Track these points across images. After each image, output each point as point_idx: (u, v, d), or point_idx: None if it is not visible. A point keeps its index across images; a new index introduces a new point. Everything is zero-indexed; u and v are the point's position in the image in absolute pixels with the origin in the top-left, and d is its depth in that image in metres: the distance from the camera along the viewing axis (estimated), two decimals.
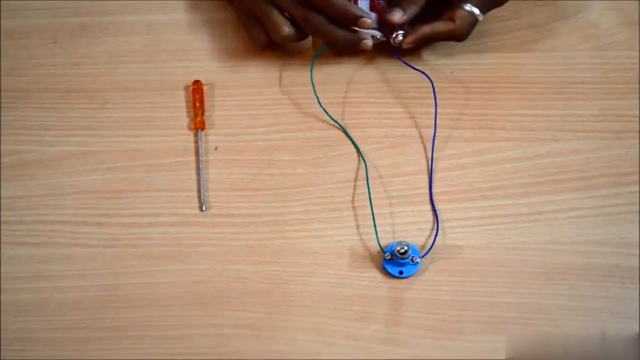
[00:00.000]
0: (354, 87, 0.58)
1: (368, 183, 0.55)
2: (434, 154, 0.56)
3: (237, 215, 0.55)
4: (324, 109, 0.57)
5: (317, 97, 0.57)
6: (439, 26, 0.55)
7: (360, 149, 0.54)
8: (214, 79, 0.59)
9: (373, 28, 0.56)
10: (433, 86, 0.57)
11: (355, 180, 0.56)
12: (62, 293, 0.54)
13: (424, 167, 0.56)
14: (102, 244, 0.55)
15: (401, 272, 0.53)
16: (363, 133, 0.57)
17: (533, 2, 0.62)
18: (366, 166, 0.55)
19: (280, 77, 0.60)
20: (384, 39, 0.57)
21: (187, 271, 0.54)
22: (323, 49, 0.58)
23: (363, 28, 0.54)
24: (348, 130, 0.57)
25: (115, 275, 0.54)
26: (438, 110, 0.57)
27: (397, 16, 0.54)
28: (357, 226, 0.54)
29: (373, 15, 0.55)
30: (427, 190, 0.55)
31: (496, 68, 0.59)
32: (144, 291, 0.53)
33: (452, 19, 0.55)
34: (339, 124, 0.57)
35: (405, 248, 0.52)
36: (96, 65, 0.59)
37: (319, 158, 0.57)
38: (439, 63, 0.59)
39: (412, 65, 0.58)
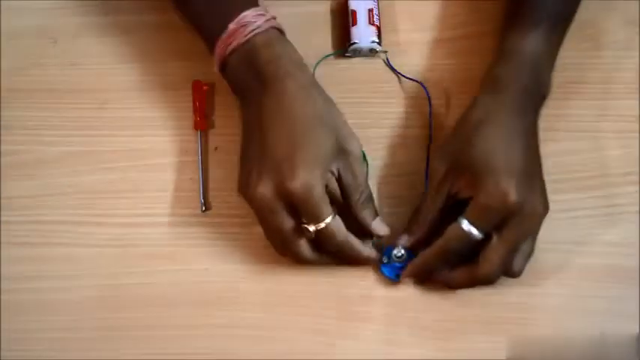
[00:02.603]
0: (355, 87, 0.58)
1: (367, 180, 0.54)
2: (429, 158, 0.56)
3: (238, 215, 0.55)
4: None
5: None
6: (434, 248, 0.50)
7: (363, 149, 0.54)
8: (214, 79, 0.59)
9: (374, 41, 0.57)
10: (428, 95, 0.57)
11: None
12: (62, 293, 0.54)
13: (425, 168, 0.56)
14: (102, 244, 0.55)
15: (398, 276, 0.53)
16: (365, 133, 0.57)
17: None
18: (367, 165, 0.55)
19: None
20: (385, 51, 0.58)
21: (187, 271, 0.54)
22: (326, 56, 0.58)
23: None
24: None
25: (115, 275, 0.54)
26: (440, 111, 0.57)
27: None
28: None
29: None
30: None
31: None
32: (144, 291, 0.54)
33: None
34: None
35: (402, 252, 0.52)
36: (96, 65, 0.59)
37: None
38: (440, 63, 0.59)
39: (408, 76, 0.58)
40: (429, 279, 0.52)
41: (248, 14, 0.50)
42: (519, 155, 0.48)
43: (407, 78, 0.58)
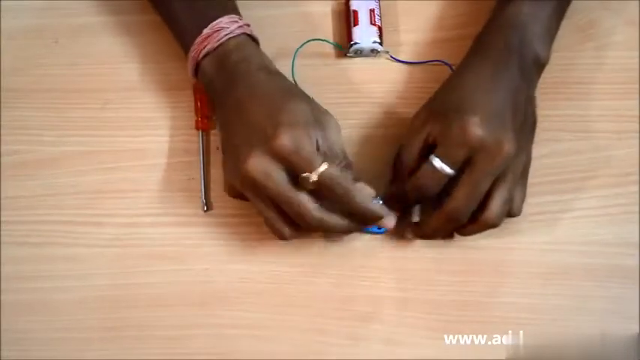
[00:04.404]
0: (356, 87, 0.58)
1: None
2: None
3: (239, 215, 0.55)
4: None
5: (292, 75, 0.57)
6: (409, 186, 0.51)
7: None
8: None
9: (375, 42, 0.57)
10: (452, 70, 0.57)
11: None
12: (62, 293, 0.54)
13: None
14: (102, 244, 0.55)
15: (380, 227, 0.53)
16: (365, 133, 0.57)
17: None
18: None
19: None
20: (386, 51, 0.58)
21: (188, 271, 0.54)
22: (306, 42, 0.58)
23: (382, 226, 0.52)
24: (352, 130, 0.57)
25: (115, 275, 0.54)
26: None
27: (391, 222, 0.52)
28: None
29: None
30: None
31: None
32: (144, 291, 0.54)
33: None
34: None
35: (381, 202, 0.52)
36: (96, 65, 0.59)
37: None
38: (439, 63, 0.59)
39: (423, 61, 0.58)
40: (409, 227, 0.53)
41: (222, 20, 0.52)
42: (490, 99, 0.49)
43: (423, 63, 0.58)
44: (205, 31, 0.52)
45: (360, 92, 0.58)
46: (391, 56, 0.59)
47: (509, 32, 0.51)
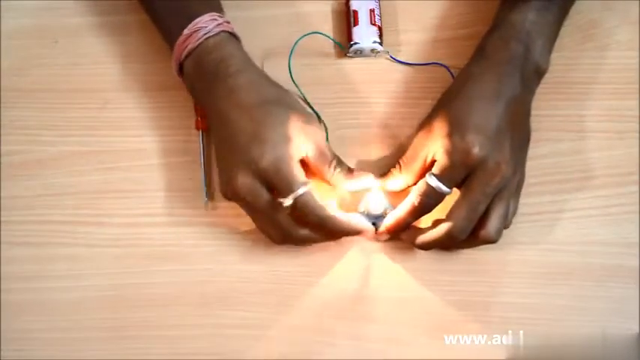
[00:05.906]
0: (356, 87, 0.58)
1: None
2: None
3: (239, 215, 0.55)
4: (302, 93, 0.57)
5: (292, 77, 0.57)
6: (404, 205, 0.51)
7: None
8: None
9: (375, 42, 0.57)
10: (452, 75, 0.57)
11: None
12: (62, 293, 0.54)
13: None
14: (102, 244, 0.55)
15: (374, 224, 0.53)
16: (366, 133, 0.57)
17: None
18: (326, 130, 0.55)
19: (280, 77, 0.59)
20: (386, 51, 0.58)
21: (188, 271, 0.54)
22: (306, 34, 0.58)
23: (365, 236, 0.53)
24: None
25: (115, 275, 0.54)
26: None
27: (383, 237, 0.53)
28: None
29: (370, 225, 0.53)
30: None
31: None
32: (144, 291, 0.54)
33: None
34: (314, 110, 0.57)
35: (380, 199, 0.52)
36: (96, 65, 0.59)
37: None
38: (442, 63, 0.59)
39: (422, 62, 0.58)
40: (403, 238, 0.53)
41: (202, 19, 0.52)
42: (492, 116, 0.49)
43: (422, 64, 0.58)
44: (185, 31, 0.52)
45: (360, 92, 0.58)
46: (391, 56, 0.59)
47: (513, 44, 0.51)
